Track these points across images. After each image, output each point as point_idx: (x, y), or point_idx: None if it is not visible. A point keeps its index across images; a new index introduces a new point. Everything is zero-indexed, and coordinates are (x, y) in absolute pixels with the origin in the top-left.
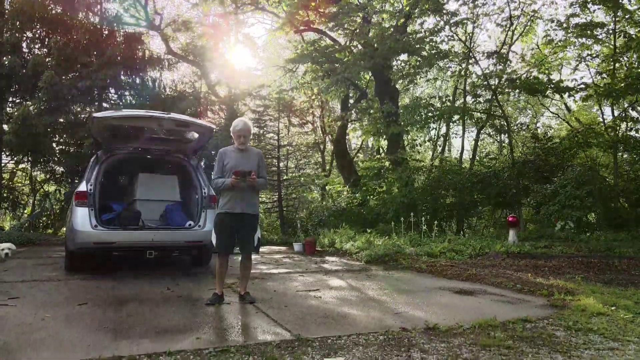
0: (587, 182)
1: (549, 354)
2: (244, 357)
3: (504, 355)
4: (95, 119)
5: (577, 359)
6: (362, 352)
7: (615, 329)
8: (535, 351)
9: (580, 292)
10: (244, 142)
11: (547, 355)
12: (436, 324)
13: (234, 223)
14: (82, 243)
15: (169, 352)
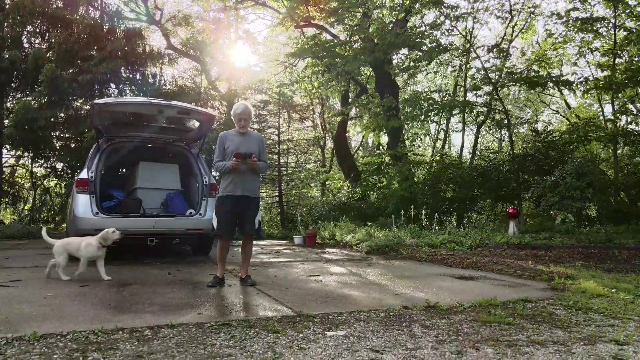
0: (587, 173)
1: (549, 329)
2: (245, 330)
3: (504, 330)
4: (97, 105)
5: (577, 334)
6: (364, 326)
7: (615, 309)
8: (536, 327)
9: (581, 277)
10: (244, 125)
11: (548, 330)
12: (437, 302)
13: (235, 206)
14: (83, 230)
15: (171, 324)
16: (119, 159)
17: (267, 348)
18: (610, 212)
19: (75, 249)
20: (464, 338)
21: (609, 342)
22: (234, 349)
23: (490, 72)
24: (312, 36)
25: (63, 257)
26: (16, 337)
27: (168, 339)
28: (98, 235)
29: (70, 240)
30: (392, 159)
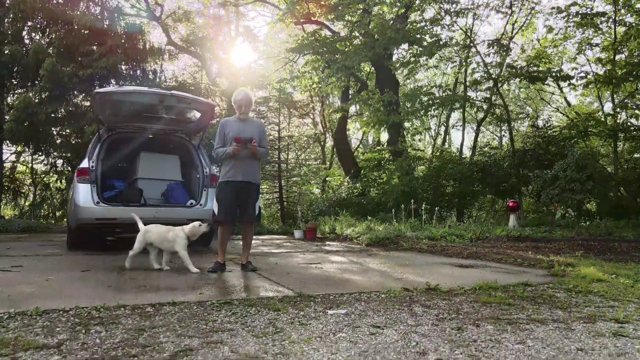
0: (588, 166)
1: (549, 309)
2: (246, 308)
3: (504, 310)
4: (98, 95)
5: (577, 313)
6: (364, 306)
7: (615, 292)
8: (536, 308)
9: (581, 265)
10: (245, 111)
11: (548, 310)
12: (437, 285)
13: (235, 191)
14: (84, 219)
15: (173, 302)
16: (119, 150)
17: (268, 323)
18: (610, 207)
19: (160, 239)
20: (464, 316)
21: (609, 321)
22: (235, 324)
23: (490, 67)
24: (313, 32)
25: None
26: (18, 312)
27: (170, 315)
28: (187, 229)
29: (151, 227)
30: (392, 154)
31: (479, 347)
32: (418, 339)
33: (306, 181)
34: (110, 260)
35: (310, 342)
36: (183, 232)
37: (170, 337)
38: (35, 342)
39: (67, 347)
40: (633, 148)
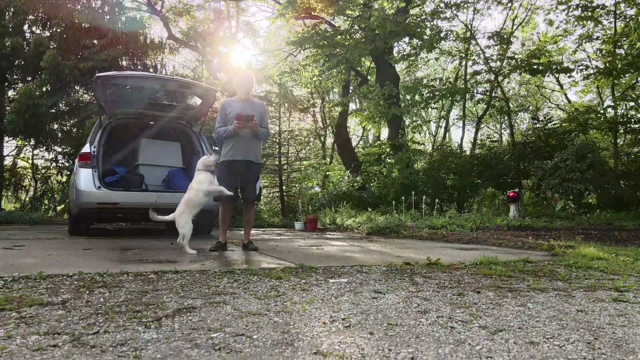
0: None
1: (550, 281)
2: (248, 277)
3: (505, 281)
4: (99, 78)
5: (578, 284)
6: (366, 276)
7: (615, 267)
8: (536, 279)
9: (581, 247)
10: (246, 92)
11: (548, 282)
12: (438, 259)
13: (236, 171)
14: (86, 203)
15: (175, 270)
16: (121, 136)
17: (270, 289)
18: (610, 200)
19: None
20: (465, 285)
21: (609, 290)
22: (237, 289)
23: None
24: (313, 25)
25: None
26: (22, 276)
27: (172, 281)
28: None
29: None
30: (392, 148)
31: (480, 308)
32: (419, 302)
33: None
34: (112, 242)
35: (312, 303)
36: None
37: (173, 298)
38: (39, 300)
39: (71, 304)
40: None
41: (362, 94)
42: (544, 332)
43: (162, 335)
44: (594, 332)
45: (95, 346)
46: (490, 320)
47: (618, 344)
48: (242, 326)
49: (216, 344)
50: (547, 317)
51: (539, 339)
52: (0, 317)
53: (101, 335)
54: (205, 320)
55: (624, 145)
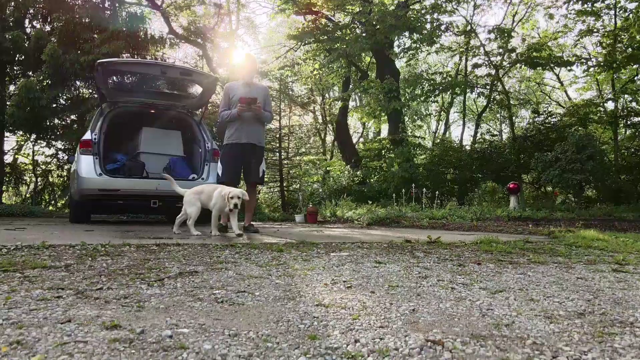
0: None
1: (550, 257)
2: (250, 249)
3: (505, 256)
4: (101, 65)
5: (577, 259)
6: (366, 251)
7: (615, 247)
8: (537, 255)
9: (581, 231)
10: (249, 75)
11: (549, 257)
12: (438, 238)
13: (239, 153)
14: (87, 190)
15: (177, 243)
16: (122, 124)
17: (271, 259)
18: (610, 193)
19: (208, 198)
20: (466, 259)
21: (609, 264)
22: (238, 259)
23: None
24: (313, 19)
25: (195, 208)
26: (25, 245)
27: (174, 252)
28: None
29: (203, 188)
30: (392, 143)
31: (480, 275)
32: (420, 270)
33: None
34: (114, 227)
35: (313, 270)
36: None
37: (176, 264)
38: (42, 264)
39: (75, 268)
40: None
41: (363, 88)
42: (544, 293)
43: (165, 292)
44: (593, 293)
45: (99, 298)
46: (490, 284)
47: (617, 302)
48: (244, 286)
49: (218, 298)
50: (547, 282)
51: (538, 297)
52: (4, 277)
53: (104, 290)
54: (207, 281)
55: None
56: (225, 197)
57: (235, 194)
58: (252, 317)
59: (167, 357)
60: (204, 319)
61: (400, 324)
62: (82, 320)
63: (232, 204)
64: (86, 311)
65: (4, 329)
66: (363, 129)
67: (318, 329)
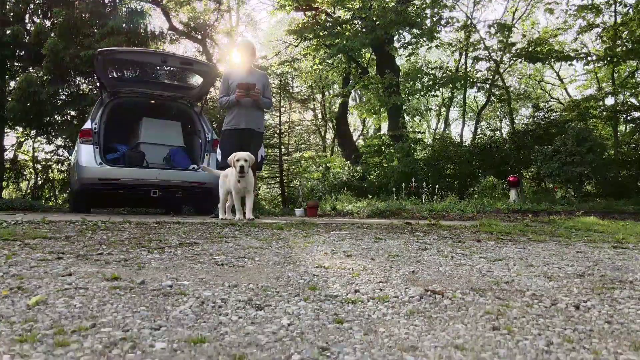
0: (588, 139)
1: (550, 237)
2: (250, 228)
3: (505, 236)
4: (101, 54)
5: (577, 239)
6: (367, 231)
7: (615, 230)
8: (536, 235)
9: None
10: (248, 60)
11: (548, 237)
12: (438, 221)
13: (238, 139)
14: (88, 179)
15: (177, 221)
16: (122, 114)
17: (271, 235)
18: (610, 187)
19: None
20: (466, 238)
21: (608, 242)
22: (239, 235)
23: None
24: (313, 15)
25: (222, 191)
26: (26, 220)
27: (174, 228)
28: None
29: (228, 171)
30: (392, 139)
31: (480, 248)
32: (420, 244)
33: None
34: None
35: (313, 243)
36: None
37: (176, 238)
38: (43, 234)
39: (75, 239)
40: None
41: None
42: (543, 261)
43: (166, 256)
44: (593, 262)
45: (99, 260)
46: (490, 255)
47: (617, 268)
48: (244, 253)
49: (218, 262)
50: (546, 255)
51: (538, 264)
52: (4, 244)
53: (105, 255)
54: (207, 250)
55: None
56: (231, 162)
57: (241, 157)
58: (252, 275)
59: (167, 300)
60: (204, 275)
61: (400, 281)
62: (82, 274)
63: (239, 166)
64: (87, 268)
65: (4, 279)
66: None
67: (318, 283)
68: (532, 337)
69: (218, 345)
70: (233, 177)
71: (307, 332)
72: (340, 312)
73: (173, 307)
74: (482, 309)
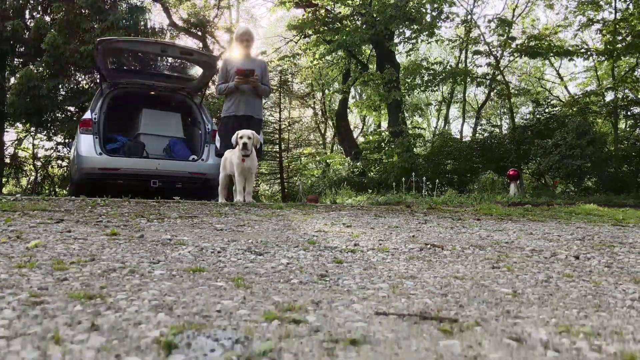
0: (588, 132)
1: (550, 219)
2: (250, 208)
3: (505, 217)
4: (101, 43)
5: (576, 219)
6: (366, 211)
7: (614, 214)
8: (536, 218)
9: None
10: (247, 46)
11: (548, 219)
12: (437, 205)
13: (237, 125)
14: (87, 169)
15: (177, 201)
16: (122, 105)
17: (271, 213)
18: (609, 183)
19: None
20: (465, 218)
21: (608, 222)
22: (240, 212)
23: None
24: (314, 10)
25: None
26: (26, 197)
27: (173, 206)
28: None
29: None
30: (392, 135)
31: (480, 224)
32: (419, 221)
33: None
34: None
35: (312, 218)
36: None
37: (175, 212)
38: (42, 207)
39: (75, 212)
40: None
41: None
42: (542, 231)
43: (165, 224)
44: (593, 233)
45: (97, 224)
46: (490, 228)
47: (616, 236)
48: (243, 223)
49: (218, 228)
50: (546, 229)
51: (537, 233)
52: (4, 214)
53: (103, 222)
54: (207, 221)
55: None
56: (234, 140)
57: (244, 134)
58: (251, 236)
59: (166, 247)
60: (203, 235)
61: (400, 240)
62: (82, 232)
63: (242, 143)
64: (86, 229)
65: (3, 233)
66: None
67: (317, 240)
68: (531, 274)
69: (217, 273)
70: (235, 157)
71: (307, 267)
72: (340, 257)
73: (172, 251)
74: (481, 257)
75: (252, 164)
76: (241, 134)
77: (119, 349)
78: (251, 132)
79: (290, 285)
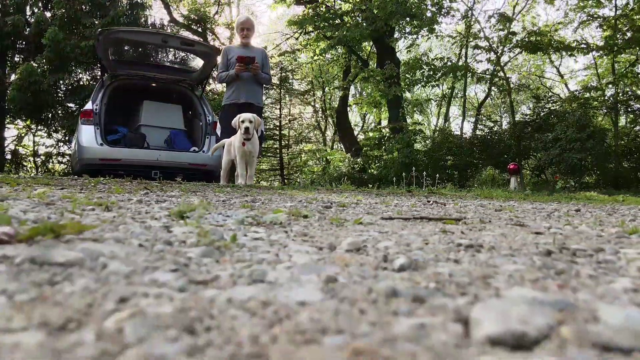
0: (588, 125)
1: (551, 201)
2: (254, 189)
3: (507, 200)
4: (102, 34)
5: (576, 202)
6: (368, 194)
7: (614, 199)
8: (537, 200)
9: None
10: (247, 35)
11: (549, 202)
12: (440, 191)
13: (238, 113)
14: (88, 159)
15: (179, 182)
16: (123, 97)
17: (273, 192)
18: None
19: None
20: (466, 200)
21: (610, 203)
22: (244, 192)
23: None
24: (314, 6)
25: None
26: (28, 177)
27: (176, 187)
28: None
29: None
30: (392, 131)
31: (484, 204)
32: (424, 203)
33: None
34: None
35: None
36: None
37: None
38: (44, 182)
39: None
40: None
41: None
42: (543, 206)
43: (166, 195)
44: (594, 209)
45: (101, 192)
46: (491, 205)
47: (615, 209)
48: (249, 198)
49: (224, 200)
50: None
51: (539, 207)
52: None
53: (106, 196)
54: (209, 196)
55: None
56: (236, 124)
57: (246, 118)
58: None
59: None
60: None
61: (402, 204)
62: (82, 197)
63: (244, 127)
64: (86, 194)
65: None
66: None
67: (318, 198)
68: (532, 218)
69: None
70: (237, 141)
71: (308, 206)
72: (345, 203)
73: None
74: (485, 208)
75: (254, 147)
76: (242, 118)
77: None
78: (252, 115)
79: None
